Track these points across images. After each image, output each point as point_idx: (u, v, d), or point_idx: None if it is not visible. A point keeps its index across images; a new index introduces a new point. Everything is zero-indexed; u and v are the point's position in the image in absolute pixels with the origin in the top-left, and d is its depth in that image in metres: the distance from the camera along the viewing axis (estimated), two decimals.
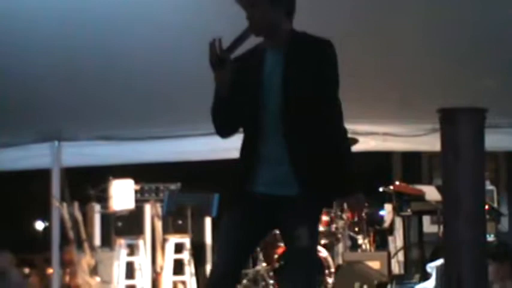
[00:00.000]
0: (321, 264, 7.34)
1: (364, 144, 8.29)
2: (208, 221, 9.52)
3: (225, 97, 3.96)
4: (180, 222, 8.92)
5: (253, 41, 4.05)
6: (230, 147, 8.23)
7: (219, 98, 3.99)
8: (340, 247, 8.39)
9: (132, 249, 9.17)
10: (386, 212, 8.85)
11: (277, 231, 7.23)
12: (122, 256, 8.98)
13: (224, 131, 4.12)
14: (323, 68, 3.96)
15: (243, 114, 4.01)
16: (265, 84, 4.00)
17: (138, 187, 9.07)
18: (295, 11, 4.09)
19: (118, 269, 8.96)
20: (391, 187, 7.85)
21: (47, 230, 11.06)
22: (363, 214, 7.72)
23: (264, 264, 7.82)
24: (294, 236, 3.87)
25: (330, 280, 7.61)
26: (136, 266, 9.14)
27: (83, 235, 8.68)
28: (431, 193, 7.61)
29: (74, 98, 7.33)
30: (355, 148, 7.94)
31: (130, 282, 9.08)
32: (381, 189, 7.91)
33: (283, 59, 4.01)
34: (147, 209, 9.21)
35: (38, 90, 7.18)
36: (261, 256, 7.79)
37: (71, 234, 8.52)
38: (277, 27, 4.03)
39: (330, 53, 4.00)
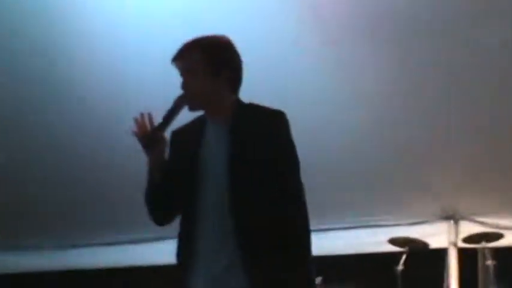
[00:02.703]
0: None
1: (509, 239, 8.01)
2: None
3: (158, 180, 3.50)
4: None
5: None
6: (374, 241, 8.09)
7: (152, 182, 3.53)
8: None
9: None
10: None
11: None
12: None
13: (161, 218, 3.63)
14: (275, 144, 3.44)
15: (180, 197, 3.50)
16: (207, 163, 3.47)
17: None
18: (242, 80, 3.62)
19: None
20: None
21: None
22: None
23: None
24: None
25: None
26: None
27: None
28: None
29: None
30: (497, 244, 7.69)
31: None
32: None
33: (228, 136, 3.47)
34: None
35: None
36: None
37: None
38: (216, 100, 3.53)
39: (282, 126, 3.50)
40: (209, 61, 3.51)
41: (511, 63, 5.89)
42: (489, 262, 7.43)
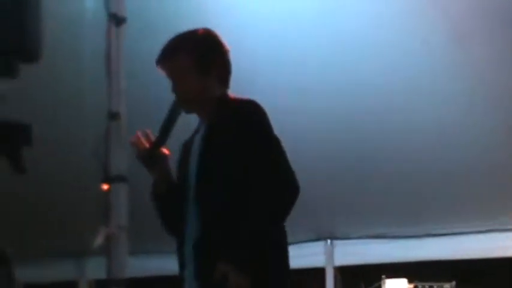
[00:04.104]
0: None
1: None
2: None
3: (163, 193, 3.40)
4: None
5: None
6: (509, 245, 7.91)
7: (156, 196, 3.44)
8: None
9: None
10: None
11: None
12: None
13: (172, 230, 3.46)
14: (240, 135, 3.18)
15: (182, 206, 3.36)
16: (190, 167, 3.35)
17: (411, 286, 8.91)
18: (231, 74, 3.43)
19: None
20: None
21: None
22: None
23: None
24: None
25: None
26: None
27: None
28: None
29: (348, 197, 7.40)
30: None
31: None
32: None
33: (202, 135, 3.34)
34: None
35: (313, 188, 7.32)
36: None
37: None
38: (208, 98, 3.35)
39: (247, 116, 3.23)
40: (198, 59, 3.35)
41: None
42: None
